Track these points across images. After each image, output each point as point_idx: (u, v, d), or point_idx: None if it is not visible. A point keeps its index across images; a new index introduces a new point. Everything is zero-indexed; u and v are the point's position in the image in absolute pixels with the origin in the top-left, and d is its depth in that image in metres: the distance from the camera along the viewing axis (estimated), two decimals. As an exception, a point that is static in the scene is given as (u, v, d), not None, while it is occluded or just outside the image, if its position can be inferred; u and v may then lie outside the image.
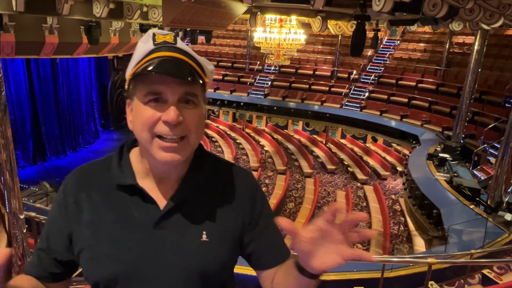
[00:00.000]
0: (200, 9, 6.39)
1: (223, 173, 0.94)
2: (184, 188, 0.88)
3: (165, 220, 0.85)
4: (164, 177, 0.88)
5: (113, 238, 0.83)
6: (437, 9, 5.32)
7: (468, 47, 14.93)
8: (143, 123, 0.78)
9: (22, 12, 6.13)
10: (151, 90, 0.78)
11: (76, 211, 0.86)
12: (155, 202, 0.85)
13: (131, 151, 0.92)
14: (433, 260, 3.33)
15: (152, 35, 0.81)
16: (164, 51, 0.78)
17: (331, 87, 16.86)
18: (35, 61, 12.60)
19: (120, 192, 0.86)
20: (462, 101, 10.54)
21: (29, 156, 13.04)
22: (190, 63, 0.79)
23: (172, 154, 0.79)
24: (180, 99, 0.79)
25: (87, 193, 0.87)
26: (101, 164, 0.92)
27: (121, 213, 0.85)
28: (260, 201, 0.95)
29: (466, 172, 8.61)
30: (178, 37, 0.83)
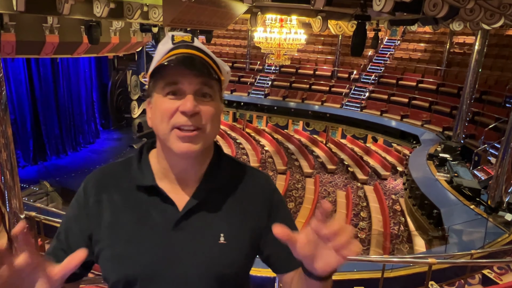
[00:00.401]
0: (200, 9, 6.39)
1: (240, 176, 0.95)
2: (203, 190, 0.89)
3: (183, 222, 0.86)
4: (182, 177, 0.89)
5: (132, 239, 0.84)
6: (437, 9, 5.31)
7: (468, 47, 14.92)
8: (162, 114, 0.81)
9: (22, 11, 6.12)
10: (169, 81, 0.81)
11: (97, 211, 0.87)
12: (174, 203, 0.87)
13: (150, 152, 0.94)
14: (433, 260, 3.32)
15: (171, 36, 0.86)
16: (181, 48, 0.82)
17: (332, 87, 16.86)
18: (35, 60, 12.60)
19: (139, 193, 0.88)
20: (463, 101, 10.54)
21: (30, 156, 13.03)
22: (206, 59, 0.83)
23: (188, 144, 0.81)
24: (197, 91, 0.82)
25: (108, 194, 0.88)
26: (121, 165, 0.94)
27: (140, 214, 0.86)
28: (276, 204, 0.95)
29: (467, 172, 8.61)
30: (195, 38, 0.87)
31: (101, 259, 0.86)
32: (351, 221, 10.89)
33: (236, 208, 0.90)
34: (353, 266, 4.98)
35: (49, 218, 4.68)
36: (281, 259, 0.93)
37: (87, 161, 14.00)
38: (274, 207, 0.94)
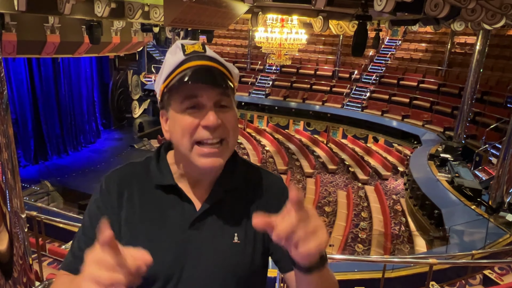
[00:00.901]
0: (201, 9, 6.39)
1: (254, 178, 0.97)
2: (218, 191, 0.90)
3: (200, 221, 0.87)
4: (199, 180, 0.91)
5: (150, 237, 0.85)
6: (439, 9, 5.31)
7: (469, 47, 14.90)
8: (184, 130, 0.81)
9: (24, 11, 6.13)
10: (187, 99, 0.80)
11: (117, 208, 0.88)
12: (191, 202, 0.89)
13: (168, 153, 0.95)
14: (434, 261, 3.32)
15: (180, 46, 0.84)
16: (195, 60, 0.81)
17: (332, 87, 16.86)
18: (36, 60, 12.62)
19: (158, 192, 0.89)
20: (464, 101, 10.52)
21: (31, 155, 13.06)
22: (221, 70, 0.83)
23: (213, 159, 0.82)
24: (216, 103, 0.82)
25: (128, 192, 0.90)
26: (141, 165, 0.95)
27: (159, 213, 0.88)
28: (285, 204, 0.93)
29: (468, 172, 8.59)
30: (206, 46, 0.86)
31: None
32: (351, 221, 10.89)
33: (250, 209, 0.91)
34: (353, 266, 4.98)
35: (50, 217, 4.69)
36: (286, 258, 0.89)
37: (88, 160, 14.02)
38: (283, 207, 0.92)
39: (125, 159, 13.99)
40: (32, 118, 13.05)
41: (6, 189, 2.55)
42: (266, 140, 18.23)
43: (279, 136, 18.97)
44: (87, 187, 11.22)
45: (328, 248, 4.91)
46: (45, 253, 4.76)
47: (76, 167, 13.17)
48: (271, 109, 17.25)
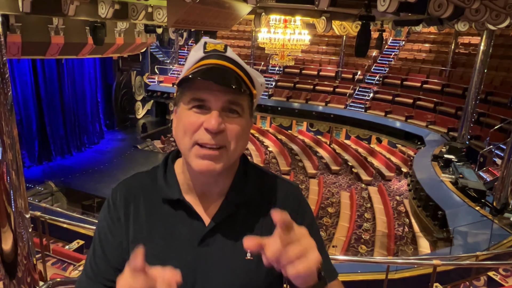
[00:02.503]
0: (204, 10, 6.41)
1: (267, 187, 0.91)
2: (228, 204, 0.85)
3: (209, 237, 0.83)
4: (207, 191, 0.86)
5: (159, 255, 0.81)
6: (442, 9, 5.29)
7: (473, 47, 14.83)
8: (186, 128, 0.78)
9: (28, 13, 6.17)
10: (195, 97, 0.77)
11: (126, 224, 0.85)
12: (200, 218, 0.84)
13: (175, 162, 0.91)
14: (438, 262, 3.30)
15: (203, 43, 0.82)
16: (213, 58, 0.79)
17: (336, 87, 16.83)
18: (41, 61, 12.69)
19: (165, 206, 0.85)
20: (468, 102, 10.47)
21: (35, 156, 13.13)
22: (237, 72, 0.79)
23: (208, 162, 0.77)
24: (224, 107, 0.77)
25: (134, 206, 0.86)
26: (147, 176, 0.91)
27: (167, 229, 0.84)
28: (301, 217, 0.89)
29: (472, 173, 8.55)
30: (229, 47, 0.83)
31: None
32: (355, 222, 10.86)
33: (262, 222, 0.86)
34: (357, 267, 4.96)
35: (54, 218, 4.72)
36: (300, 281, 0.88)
37: (91, 161, 14.07)
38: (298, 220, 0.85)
39: (128, 159, 14.03)
40: (36, 119, 13.12)
41: (10, 189, 2.57)
42: (269, 141, 18.23)
43: (282, 137, 18.96)
44: (90, 187, 11.27)
45: (331, 249, 4.95)
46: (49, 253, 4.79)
47: (79, 167, 13.22)
48: (274, 110, 17.24)
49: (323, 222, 11.35)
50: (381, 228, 10.50)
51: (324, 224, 11.25)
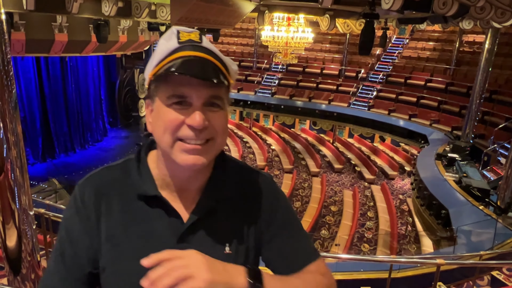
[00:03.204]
0: (208, 8, 6.40)
1: (245, 181, 0.90)
2: (206, 200, 0.83)
3: (188, 235, 0.81)
4: (185, 186, 0.83)
5: (136, 254, 0.76)
6: (447, 7, 5.26)
7: (478, 45, 14.73)
8: (166, 126, 0.74)
9: (32, 10, 6.19)
10: (175, 93, 0.73)
11: (96, 222, 0.81)
12: (178, 215, 0.81)
13: (148, 155, 0.87)
14: (442, 261, 3.29)
15: (176, 32, 0.76)
16: (189, 50, 0.73)
17: (339, 86, 16.79)
18: (44, 59, 12.72)
19: (141, 203, 0.81)
20: (472, 100, 10.41)
21: (39, 153, 13.18)
22: (216, 64, 0.74)
23: (195, 156, 0.74)
24: (205, 102, 0.74)
25: (106, 203, 0.81)
26: (119, 169, 0.86)
27: (144, 227, 0.80)
28: (276, 207, 0.90)
29: (476, 172, 8.50)
30: (203, 35, 0.77)
31: (104, 273, 0.80)
32: (358, 220, 10.85)
33: (240, 216, 0.86)
34: (360, 266, 4.96)
35: (58, 215, 4.73)
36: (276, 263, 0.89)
37: (95, 158, 14.13)
38: (274, 209, 0.89)
39: (131, 157, 14.05)
40: (40, 116, 13.16)
41: (15, 187, 2.58)
42: (272, 139, 18.22)
43: (285, 135, 18.95)
44: (94, 185, 11.29)
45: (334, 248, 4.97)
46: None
47: (83, 165, 13.26)
48: (277, 108, 17.23)
49: (326, 220, 11.35)
50: (384, 227, 10.48)
51: (327, 222, 11.25)
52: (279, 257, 0.88)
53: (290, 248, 0.88)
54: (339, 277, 4.71)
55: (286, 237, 0.89)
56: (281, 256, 0.88)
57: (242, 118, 21.86)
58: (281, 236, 0.88)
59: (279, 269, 0.88)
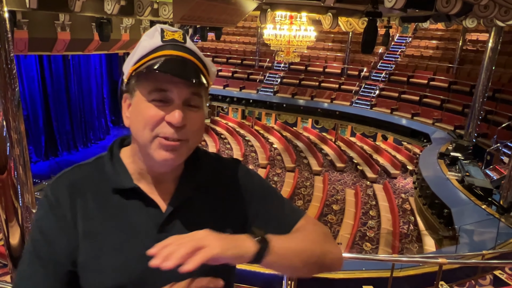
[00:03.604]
0: (210, 6, 6.39)
1: (218, 170, 0.93)
2: (183, 189, 0.86)
3: (168, 224, 0.82)
4: (160, 178, 0.85)
5: (117, 247, 0.79)
6: (450, 6, 5.23)
7: (481, 44, 14.66)
8: (146, 121, 0.75)
9: (35, 9, 6.20)
10: (157, 88, 0.75)
11: (74, 220, 0.80)
12: (157, 205, 0.82)
13: (121, 151, 0.88)
14: (444, 261, 3.28)
15: (160, 30, 0.78)
16: (171, 49, 0.76)
17: (341, 84, 16.75)
18: (47, 57, 12.76)
19: (117, 197, 0.82)
20: (475, 99, 10.37)
21: (42, 151, 13.23)
22: (197, 64, 0.77)
23: (171, 153, 0.77)
24: (185, 101, 0.76)
25: (82, 200, 0.81)
26: (92, 166, 0.86)
27: (122, 220, 0.81)
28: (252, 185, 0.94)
29: (478, 171, 8.48)
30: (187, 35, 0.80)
31: (83, 271, 0.80)
32: (360, 219, 10.83)
33: (218, 202, 0.88)
34: (361, 264, 4.95)
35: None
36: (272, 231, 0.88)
37: (97, 157, 14.16)
38: (251, 189, 0.93)
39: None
40: (43, 115, 13.21)
41: (18, 185, 2.60)
42: (274, 138, 18.21)
43: (287, 134, 18.93)
44: (96, 183, 11.33)
45: (336, 246, 4.77)
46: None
47: (86, 163, 13.31)
48: (279, 107, 17.22)
49: (328, 219, 11.34)
50: (386, 226, 10.47)
51: (329, 221, 11.24)
52: (269, 224, 0.90)
53: (276, 213, 0.92)
54: (341, 275, 4.71)
55: (270, 206, 0.93)
56: (270, 223, 0.90)
57: (244, 116, 21.86)
58: (265, 206, 0.92)
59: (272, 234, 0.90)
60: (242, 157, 15.53)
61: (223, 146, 17.25)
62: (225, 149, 17.07)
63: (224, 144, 17.62)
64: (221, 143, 17.46)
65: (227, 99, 17.95)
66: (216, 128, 19.81)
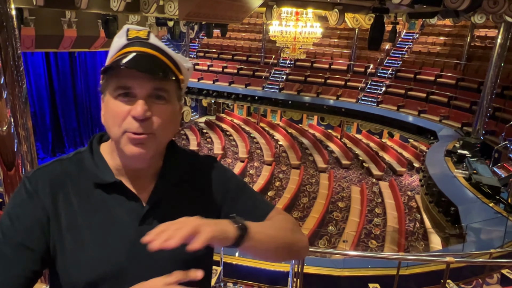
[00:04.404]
0: (216, 2, 6.37)
1: (194, 165, 0.97)
2: (163, 183, 0.88)
3: (149, 217, 0.85)
4: (139, 174, 0.87)
5: (100, 241, 0.80)
6: (459, 1, 5.16)
7: (490, 40, 14.48)
8: (114, 117, 0.78)
9: (41, 6, 6.23)
10: (120, 85, 0.78)
11: (54, 213, 0.81)
12: (138, 199, 0.85)
13: (100, 146, 0.90)
14: (452, 259, 3.26)
15: (126, 30, 0.82)
16: (136, 46, 0.79)
17: (347, 81, 16.66)
18: (54, 54, 12.84)
19: (98, 191, 0.84)
20: (483, 96, 10.25)
21: (48, 148, 13.35)
22: (161, 59, 0.79)
23: (139, 147, 0.79)
24: (150, 94, 0.78)
25: (64, 194, 0.82)
26: (72, 161, 0.88)
27: (104, 214, 0.82)
28: (226, 179, 0.99)
29: (486, 169, 8.39)
30: (152, 33, 0.83)
31: (62, 263, 0.81)
32: (365, 217, 10.80)
33: (197, 195, 0.93)
34: (367, 262, 4.94)
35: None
36: None
37: (103, 153, 14.25)
38: (228, 184, 0.98)
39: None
40: (50, 112, 13.31)
41: (25, 181, 2.61)
42: (279, 135, 18.19)
43: (292, 131, 18.90)
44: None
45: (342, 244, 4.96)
46: None
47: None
48: (285, 104, 17.17)
49: (333, 216, 11.32)
50: (392, 224, 10.43)
51: (334, 218, 11.22)
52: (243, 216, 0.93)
53: (249, 205, 0.98)
54: (346, 273, 4.70)
55: (243, 199, 0.98)
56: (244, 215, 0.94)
57: (249, 113, 21.85)
58: (239, 199, 0.98)
59: None
60: (247, 154, 15.54)
61: (228, 143, 17.26)
62: (230, 146, 17.08)
63: (230, 141, 17.63)
64: (227, 140, 17.47)
65: (233, 96, 17.94)
66: (222, 125, 19.83)
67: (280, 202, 11.58)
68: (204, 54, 20.75)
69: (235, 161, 15.42)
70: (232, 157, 15.93)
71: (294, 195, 11.69)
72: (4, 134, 2.52)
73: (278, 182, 13.52)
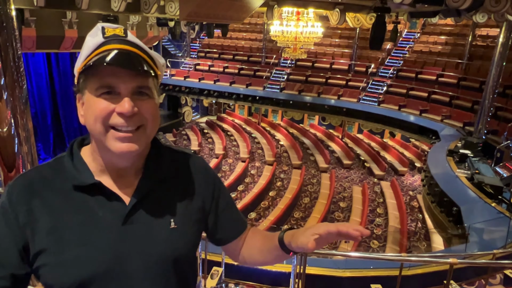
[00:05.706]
0: (216, 2, 6.36)
1: (178, 162, 0.97)
2: (146, 181, 0.88)
3: (133, 215, 0.85)
4: (122, 173, 0.87)
5: (82, 241, 0.80)
6: (461, 0, 5.14)
7: (492, 39, 14.44)
8: (97, 115, 0.78)
9: (42, 7, 6.23)
10: (102, 84, 0.77)
11: (30, 220, 0.80)
12: (120, 198, 0.85)
13: (81, 150, 0.90)
14: (455, 261, 3.23)
15: (101, 28, 0.81)
16: (114, 43, 0.78)
17: (348, 81, 16.63)
18: (55, 55, 12.85)
19: (79, 193, 0.83)
20: (485, 95, 10.22)
21: (50, 148, 13.37)
22: (141, 55, 0.80)
23: (128, 144, 0.79)
24: (133, 91, 0.79)
25: (40, 199, 0.82)
26: (51, 167, 0.87)
27: (86, 215, 0.82)
28: (214, 182, 1.01)
29: (488, 169, 8.36)
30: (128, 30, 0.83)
31: (45, 268, 0.80)
32: (367, 217, 10.78)
33: (180, 193, 0.93)
34: (369, 263, 4.92)
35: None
36: (228, 230, 1.04)
37: (105, 154, 14.26)
38: (213, 185, 1.01)
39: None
40: (51, 112, 13.33)
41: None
42: (280, 135, 18.18)
43: (293, 131, 18.88)
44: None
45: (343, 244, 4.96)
46: None
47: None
48: (286, 104, 17.14)
49: (335, 216, 11.30)
50: (394, 224, 10.40)
51: (336, 218, 11.20)
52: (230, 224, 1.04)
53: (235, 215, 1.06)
54: (348, 274, 4.68)
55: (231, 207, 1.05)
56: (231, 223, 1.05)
57: (250, 113, 21.84)
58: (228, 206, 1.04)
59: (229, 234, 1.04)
60: (248, 154, 15.53)
61: (229, 143, 17.25)
62: (231, 146, 17.07)
63: (231, 141, 17.62)
64: (228, 140, 17.46)
65: (234, 96, 17.92)
66: (223, 125, 19.82)
67: (281, 202, 11.57)
68: (205, 54, 20.75)
69: (236, 161, 15.41)
70: (233, 157, 15.92)
71: (295, 195, 11.68)
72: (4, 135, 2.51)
73: (279, 182, 13.50)
